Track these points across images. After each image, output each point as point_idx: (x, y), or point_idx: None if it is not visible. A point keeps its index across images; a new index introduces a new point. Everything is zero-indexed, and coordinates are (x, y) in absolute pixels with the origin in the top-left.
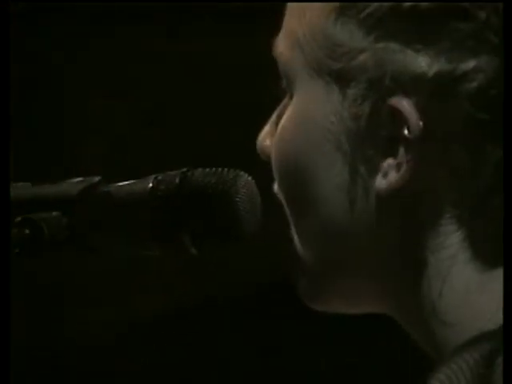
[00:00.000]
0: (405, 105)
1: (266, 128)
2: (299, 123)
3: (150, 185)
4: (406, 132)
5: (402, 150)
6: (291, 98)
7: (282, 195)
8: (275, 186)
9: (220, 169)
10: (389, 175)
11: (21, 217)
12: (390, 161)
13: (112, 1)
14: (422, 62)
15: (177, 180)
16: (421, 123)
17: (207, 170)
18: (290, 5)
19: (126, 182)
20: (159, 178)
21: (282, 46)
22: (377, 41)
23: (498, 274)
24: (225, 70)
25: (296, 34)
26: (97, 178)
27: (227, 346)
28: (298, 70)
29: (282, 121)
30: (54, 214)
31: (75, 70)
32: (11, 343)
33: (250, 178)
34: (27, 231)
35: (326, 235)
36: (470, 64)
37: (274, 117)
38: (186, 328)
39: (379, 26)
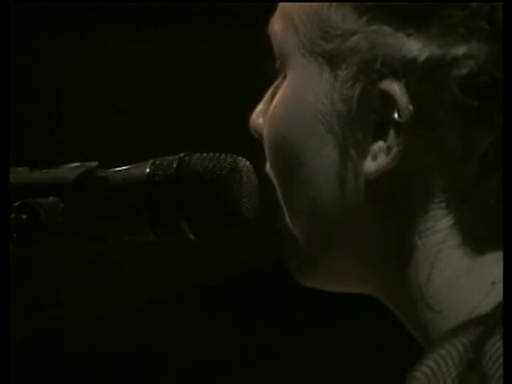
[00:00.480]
0: (395, 88)
1: (260, 106)
2: (292, 103)
3: (148, 170)
4: (396, 115)
5: (391, 134)
6: (285, 77)
7: (273, 174)
8: (267, 166)
9: (217, 154)
10: (378, 158)
11: (18, 202)
12: (379, 144)
13: (112, 1)
14: (414, 47)
15: (174, 165)
16: (411, 107)
17: (205, 154)
18: None
19: (124, 167)
20: (157, 162)
21: (276, 25)
22: (369, 23)
23: (488, 260)
24: (224, 71)
25: (291, 14)
26: (94, 163)
27: (223, 331)
28: (292, 50)
29: (275, 100)
30: (52, 199)
31: (75, 71)
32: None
33: (247, 163)
34: (24, 216)
35: (315, 215)
36: (461, 50)
37: (267, 96)
38: (183, 313)
39: (372, 9)
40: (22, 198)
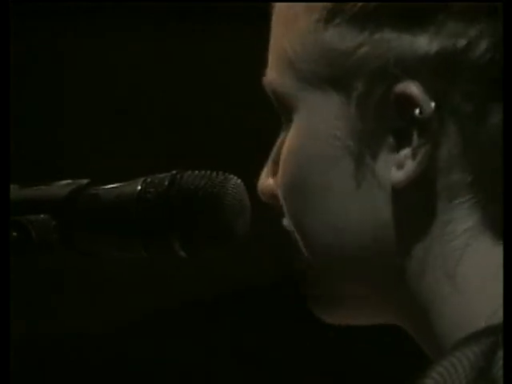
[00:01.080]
0: (413, 88)
1: (266, 168)
2: (303, 139)
3: (139, 187)
4: (417, 114)
5: (415, 136)
6: (289, 128)
7: (292, 223)
8: (285, 221)
9: (209, 171)
10: (405, 166)
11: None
12: (404, 151)
13: (112, 1)
14: (422, 43)
15: (166, 182)
16: (432, 103)
17: (196, 172)
18: (273, 26)
19: (115, 185)
20: (148, 180)
21: (272, 74)
22: (372, 34)
23: None
24: (224, 71)
25: (286, 53)
26: (85, 181)
27: (216, 347)
28: (295, 89)
29: (285, 146)
30: (42, 216)
31: (75, 71)
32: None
33: (239, 181)
34: (14, 234)
35: (338, 245)
36: (471, 33)
37: (272, 155)
38: (175, 328)
39: (372, 19)
40: (13, 215)
